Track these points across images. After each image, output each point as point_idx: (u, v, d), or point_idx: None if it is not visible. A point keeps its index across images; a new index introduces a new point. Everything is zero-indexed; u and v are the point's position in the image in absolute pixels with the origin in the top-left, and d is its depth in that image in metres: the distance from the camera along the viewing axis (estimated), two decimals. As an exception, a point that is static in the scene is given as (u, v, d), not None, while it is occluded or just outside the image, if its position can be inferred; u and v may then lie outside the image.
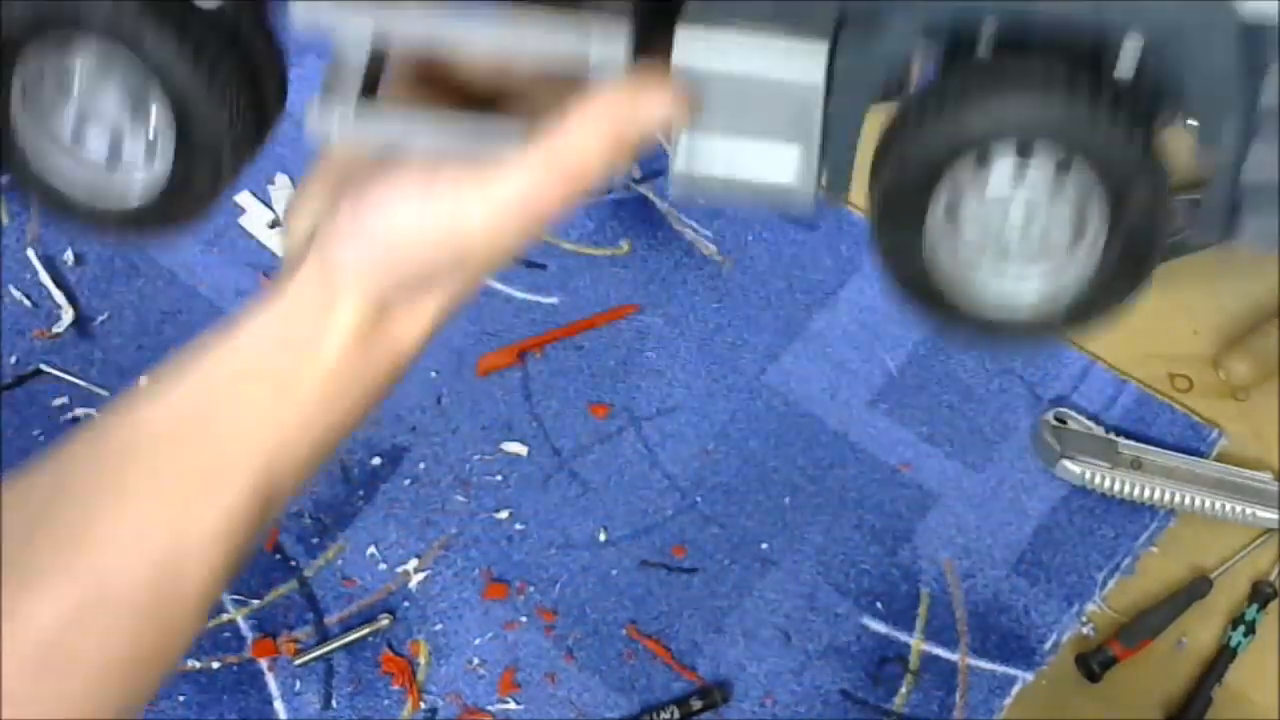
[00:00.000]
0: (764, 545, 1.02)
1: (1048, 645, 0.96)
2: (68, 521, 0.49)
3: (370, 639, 0.97)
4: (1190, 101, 0.48)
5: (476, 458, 1.04)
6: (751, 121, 0.48)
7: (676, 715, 0.96)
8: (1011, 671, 0.96)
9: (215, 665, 0.96)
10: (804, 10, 0.48)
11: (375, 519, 1.02)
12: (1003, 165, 0.48)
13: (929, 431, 1.03)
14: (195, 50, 0.47)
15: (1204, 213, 0.50)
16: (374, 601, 0.98)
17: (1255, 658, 0.94)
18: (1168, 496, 0.97)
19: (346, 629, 0.95)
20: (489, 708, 0.97)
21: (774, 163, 0.49)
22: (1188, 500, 0.97)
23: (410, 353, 0.53)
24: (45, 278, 1.11)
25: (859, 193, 0.51)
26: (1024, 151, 0.48)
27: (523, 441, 1.04)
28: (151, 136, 0.49)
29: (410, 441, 1.05)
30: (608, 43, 0.47)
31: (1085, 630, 0.97)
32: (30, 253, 1.12)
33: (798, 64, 0.48)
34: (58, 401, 1.10)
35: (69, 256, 1.12)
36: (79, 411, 1.08)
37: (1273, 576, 0.95)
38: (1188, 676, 0.94)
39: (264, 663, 0.97)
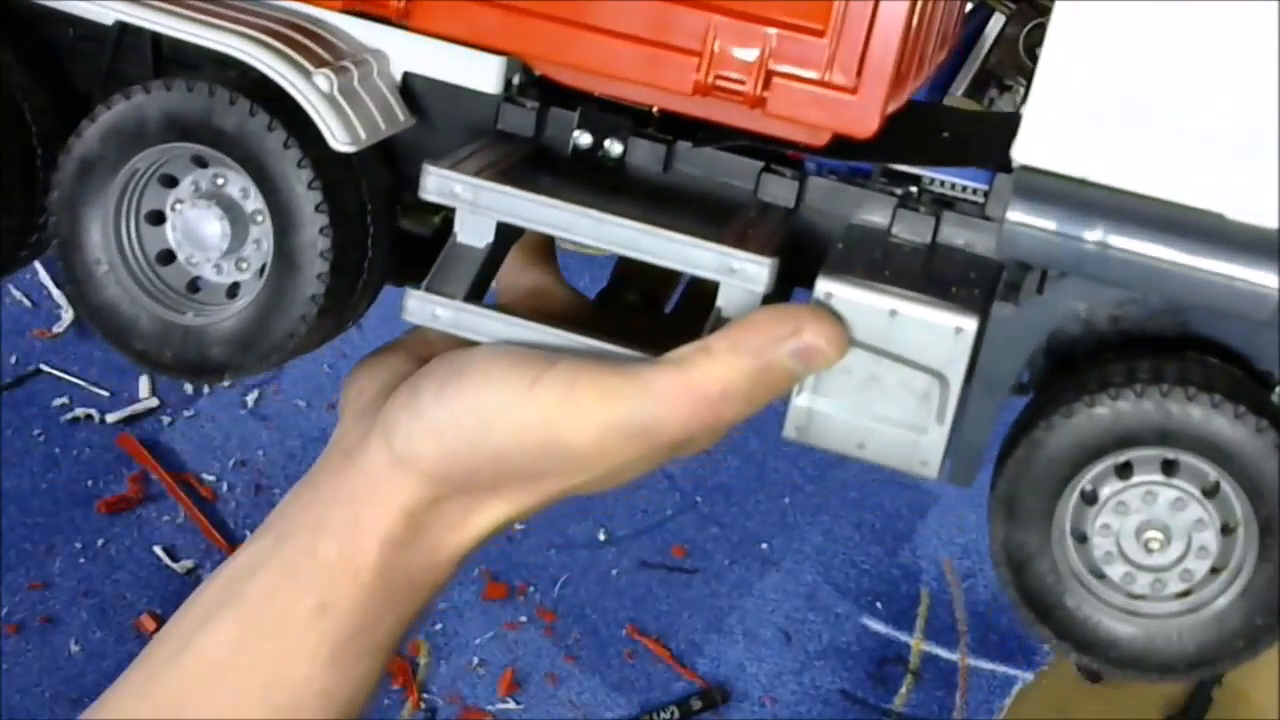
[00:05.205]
0: (764, 545, 1.01)
1: (1048, 645, 0.96)
2: None
3: (370, 639, 0.97)
4: None
5: (476, 458, 1.04)
6: (881, 395, 0.43)
7: (676, 715, 0.96)
8: (1011, 671, 0.96)
9: (215, 665, 0.96)
10: (957, 282, 0.42)
11: (375, 519, 1.02)
12: (1145, 479, 0.41)
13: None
14: None
15: None
16: (374, 601, 0.98)
17: (1255, 658, 0.93)
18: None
19: (347, 629, 0.92)
20: (489, 708, 0.96)
21: (900, 446, 0.43)
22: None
23: (451, 563, 0.45)
24: (45, 278, 1.12)
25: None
26: (1169, 469, 0.41)
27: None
28: None
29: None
30: (753, 270, 0.42)
31: (1085, 630, 0.96)
32: (30, 253, 1.12)
33: (942, 342, 0.42)
34: (58, 401, 1.11)
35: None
36: (79, 411, 1.08)
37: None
38: (1188, 676, 0.93)
39: (264, 663, 0.96)
